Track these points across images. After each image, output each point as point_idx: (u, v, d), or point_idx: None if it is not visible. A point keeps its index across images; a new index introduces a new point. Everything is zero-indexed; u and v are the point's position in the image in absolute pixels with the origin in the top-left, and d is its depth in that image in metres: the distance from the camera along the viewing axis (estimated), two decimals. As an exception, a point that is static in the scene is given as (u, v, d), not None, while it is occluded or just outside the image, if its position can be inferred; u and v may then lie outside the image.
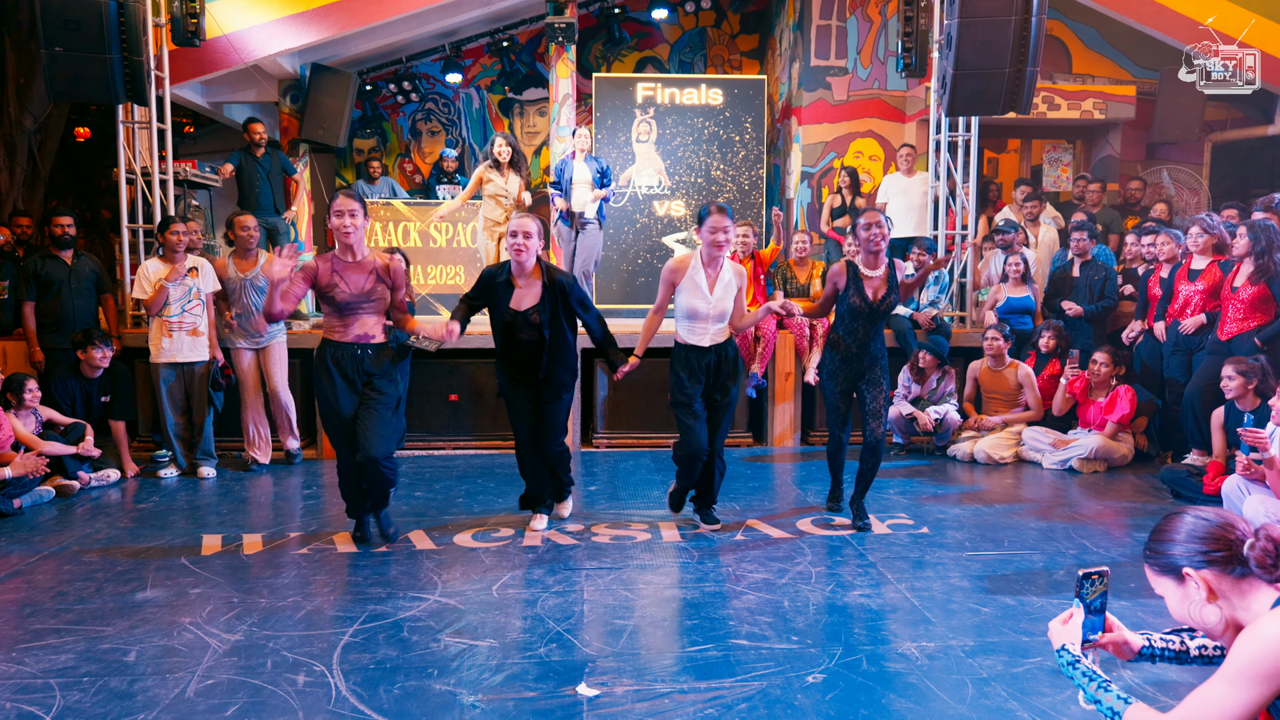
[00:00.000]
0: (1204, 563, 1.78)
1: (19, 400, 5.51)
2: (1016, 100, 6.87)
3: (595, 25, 11.14)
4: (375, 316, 4.39)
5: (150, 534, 4.75)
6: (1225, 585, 1.77)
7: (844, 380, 4.83)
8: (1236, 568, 1.76)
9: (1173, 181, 10.04)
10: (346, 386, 4.32)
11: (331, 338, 4.35)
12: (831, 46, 9.61)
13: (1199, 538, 1.80)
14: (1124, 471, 6.21)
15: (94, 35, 6.11)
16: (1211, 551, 1.78)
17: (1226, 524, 1.80)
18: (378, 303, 4.37)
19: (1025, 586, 3.94)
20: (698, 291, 4.46)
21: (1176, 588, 1.84)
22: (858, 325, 4.73)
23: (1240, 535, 1.77)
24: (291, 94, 9.53)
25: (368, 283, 4.32)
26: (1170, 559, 1.83)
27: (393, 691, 2.94)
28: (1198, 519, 1.83)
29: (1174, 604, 1.85)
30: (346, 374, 4.32)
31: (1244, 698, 1.63)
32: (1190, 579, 1.80)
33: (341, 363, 4.32)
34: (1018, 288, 7.11)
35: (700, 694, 2.92)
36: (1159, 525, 1.90)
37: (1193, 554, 1.80)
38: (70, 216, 6.40)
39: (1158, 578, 1.88)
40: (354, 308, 4.31)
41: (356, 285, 4.30)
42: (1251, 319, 5.64)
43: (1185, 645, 1.99)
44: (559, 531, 4.76)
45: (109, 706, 2.84)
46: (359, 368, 4.33)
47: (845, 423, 4.94)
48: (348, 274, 4.31)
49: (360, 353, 4.34)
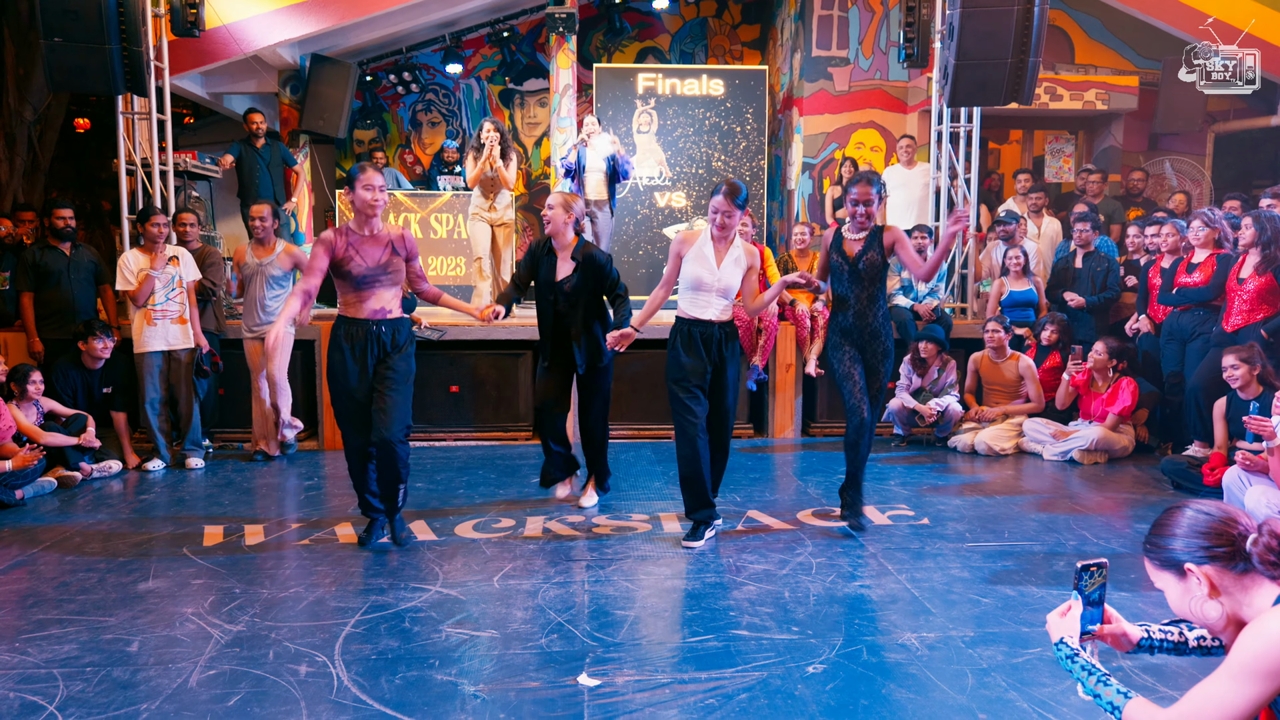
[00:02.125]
0: (1206, 558, 1.76)
1: (22, 391, 5.52)
2: (1019, 91, 6.85)
3: (596, 15, 11.11)
4: (392, 290, 4.28)
5: (152, 525, 4.76)
6: (1227, 581, 1.75)
7: (849, 353, 4.63)
8: (1239, 564, 1.74)
9: (1175, 172, 10.02)
10: (358, 365, 4.21)
11: (346, 314, 4.25)
12: (833, 37, 9.57)
13: (1201, 532, 1.77)
14: (1125, 463, 6.21)
15: (93, 26, 6.10)
16: (1214, 547, 1.75)
17: (1229, 518, 1.77)
18: (394, 275, 4.25)
19: (1025, 577, 3.94)
20: (704, 262, 4.36)
21: (1177, 582, 1.82)
22: (846, 292, 4.59)
23: (1243, 530, 1.75)
24: (291, 85, 9.52)
25: (384, 255, 4.21)
26: (1171, 554, 1.81)
27: (394, 682, 2.95)
28: (1199, 513, 1.80)
29: (1174, 598, 1.84)
30: (360, 351, 4.21)
31: (1246, 694, 1.62)
32: (1192, 574, 1.78)
33: (355, 339, 4.21)
34: (1019, 281, 7.10)
35: (701, 684, 2.93)
36: (1159, 519, 1.88)
37: (1195, 549, 1.77)
38: (70, 208, 6.40)
39: (1158, 572, 1.86)
40: (370, 281, 4.19)
41: (372, 258, 4.19)
42: (1259, 310, 5.62)
43: (1184, 636, 1.99)
44: (560, 523, 4.77)
45: (112, 696, 2.85)
46: (376, 344, 4.22)
47: (861, 402, 4.60)
48: (363, 247, 4.20)
49: (376, 328, 4.23)
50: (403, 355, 4.28)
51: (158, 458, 6.07)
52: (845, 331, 4.65)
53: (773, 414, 7.11)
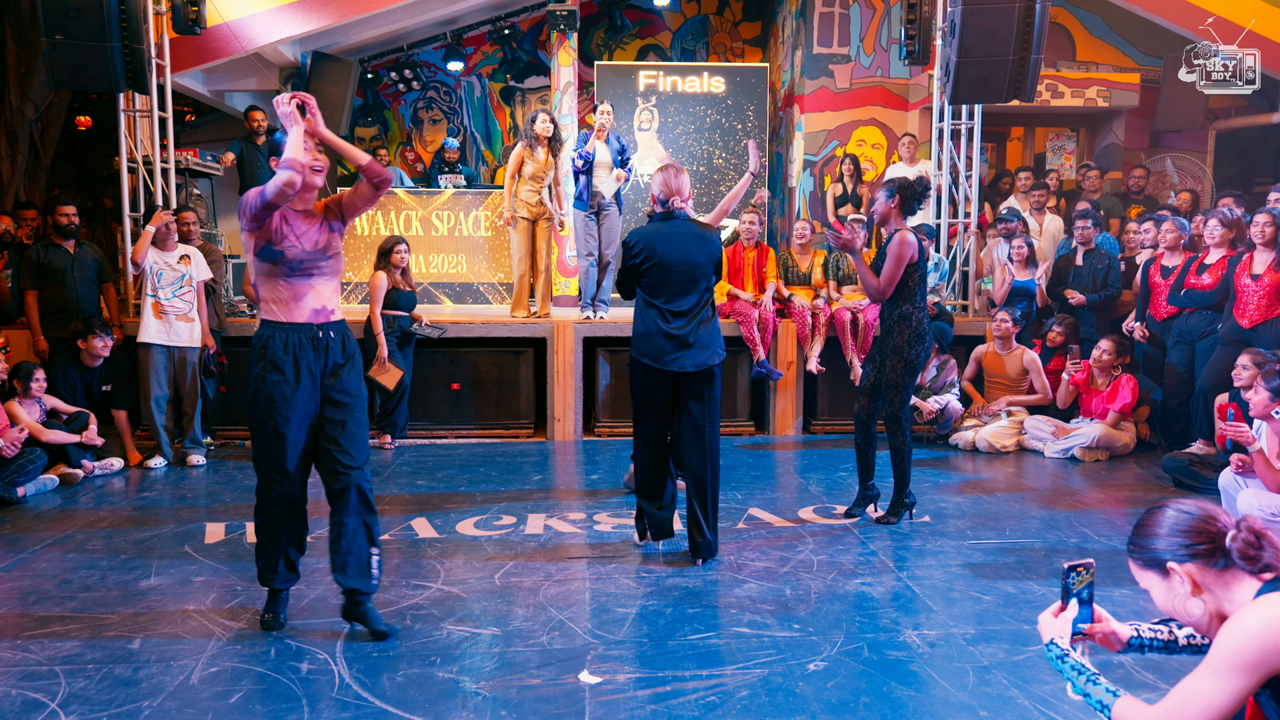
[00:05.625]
0: (1188, 556, 1.78)
1: (25, 389, 5.53)
2: (1020, 88, 6.84)
3: (597, 13, 11.10)
4: (334, 284, 3.32)
5: (154, 522, 4.77)
6: (1209, 578, 1.77)
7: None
8: (1219, 560, 1.76)
9: (1176, 169, 10.01)
10: (309, 382, 3.21)
11: (278, 317, 3.23)
12: (834, 34, 9.56)
13: (1181, 531, 1.80)
14: (1126, 460, 6.21)
15: (95, 23, 6.09)
16: (1194, 545, 1.78)
17: (1208, 516, 1.80)
18: (334, 261, 3.30)
19: (1027, 574, 3.94)
20: None
21: (1161, 581, 1.84)
22: None
23: (1222, 527, 1.77)
24: (293, 82, 9.51)
25: (322, 236, 3.26)
26: (1154, 553, 1.83)
27: (395, 679, 2.96)
28: (1180, 512, 1.83)
29: (1159, 597, 1.86)
30: (302, 366, 3.20)
31: (1228, 688, 1.64)
32: (1175, 573, 1.80)
33: (296, 350, 3.21)
34: (1021, 271, 7.09)
35: (702, 681, 2.93)
36: (1141, 519, 1.90)
37: (1176, 548, 1.80)
38: (74, 205, 6.40)
39: (1142, 572, 1.88)
40: (308, 270, 3.23)
41: (310, 239, 3.24)
42: (1275, 307, 5.60)
43: (1174, 635, 2.00)
44: (561, 520, 4.77)
45: (114, 694, 2.85)
46: (324, 355, 3.25)
47: (873, 398, 4.64)
48: (296, 222, 3.24)
49: (323, 335, 3.26)
50: (354, 368, 3.34)
51: (160, 455, 6.07)
52: None
53: (774, 411, 7.11)
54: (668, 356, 3.99)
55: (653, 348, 4.01)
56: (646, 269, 4.02)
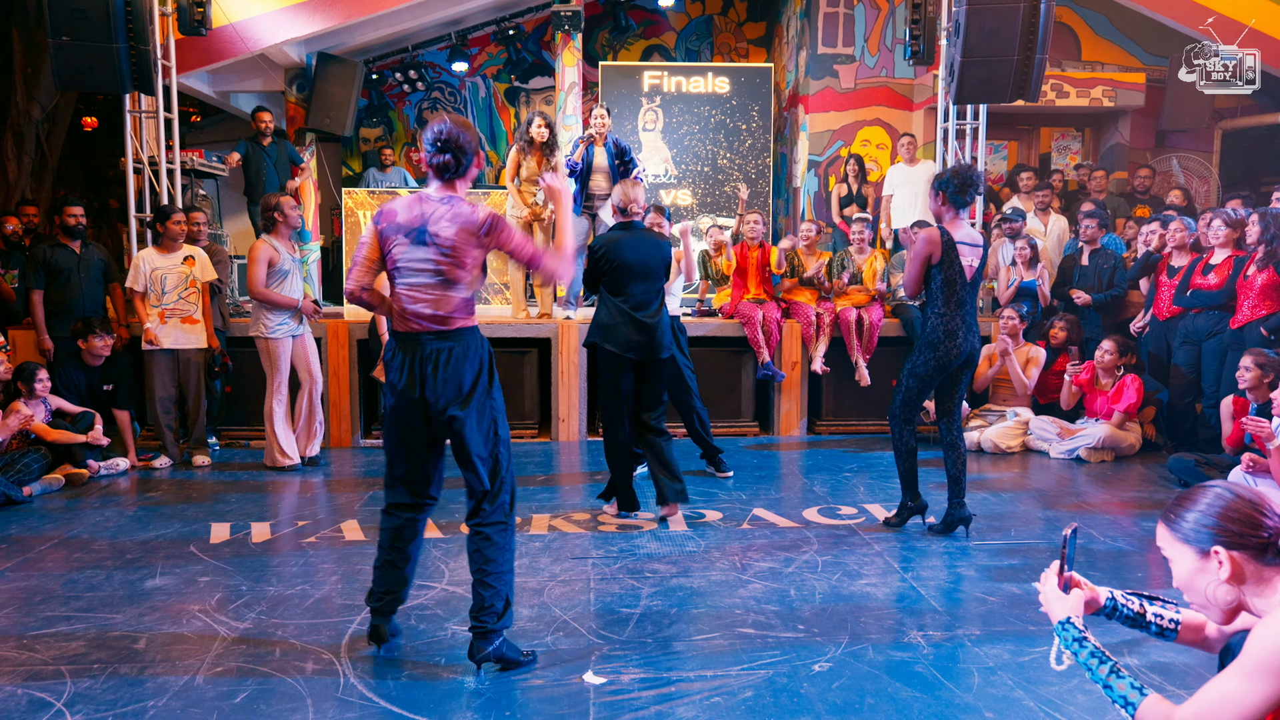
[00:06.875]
0: (1238, 545, 1.72)
1: (29, 389, 5.54)
2: (1025, 88, 6.83)
3: (601, 13, 11.08)
4: None
5: (159, 522, 4.77)
6: (1250, 570, 1.73)
7: None
8: (1270, 557, 1.71)
9: (1182, 170, 9.98)
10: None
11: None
12: (839, 34, 9.55)
13: (1235, 519, 1.73)
14: (1131, 461, 6.19)
15: (101, 24, 6.11)
16: (1248, 535, 1.72)
17: (1263, 508, 1.74)
18: None
19: (1032, 575, 3.93)
20: None
21: (1196, 559, 1.77)
22: None
23: (1277, 523, 1.72)
24: (298, 83, 9.52)
25: None
26: (1199, 531, 1.77)
27: (400, 679, 2.96)
28: (1236, 497, 1.76)
29: (1184, 573, 1.80)
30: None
31: (1261, 691, 1.59)
32: (1216, 556, 1.74)
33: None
34: (1025, 271, 7.07)
35: (707, 682, 2.93)
36: (1191, 493, 1.82)
37: (1228, 533, 1.73)
38: (81, 206, 6.42)
39: (1176, 544, 1.80)
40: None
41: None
42: (1262, 306, 5.61)
43: (1143, 609, 1.96)
44: (565, 520, 4.77)
45: (119, 693, 2.86)
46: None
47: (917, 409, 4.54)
48: None
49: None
50: None
51: (165, 455, 6.08)
52: None
53: (778, 411, 7.10)
54: (634, 344, 4.55)
55: (620, 337, 4.55)
56: (609, 270, 4.58)
